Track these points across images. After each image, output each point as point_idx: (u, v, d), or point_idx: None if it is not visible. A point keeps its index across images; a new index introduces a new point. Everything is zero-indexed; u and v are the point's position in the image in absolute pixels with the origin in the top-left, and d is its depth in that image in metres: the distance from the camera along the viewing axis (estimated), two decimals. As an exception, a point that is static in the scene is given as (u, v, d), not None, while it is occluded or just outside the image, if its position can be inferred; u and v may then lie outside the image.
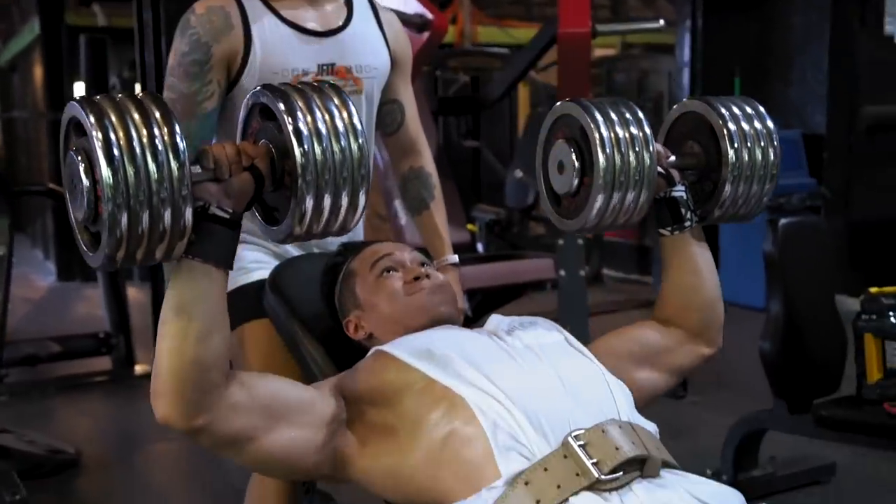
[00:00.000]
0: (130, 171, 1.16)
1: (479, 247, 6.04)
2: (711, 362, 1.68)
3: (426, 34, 3.60)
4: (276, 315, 1.81)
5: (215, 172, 1.27)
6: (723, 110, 1.58)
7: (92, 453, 3.61)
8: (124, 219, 1.17)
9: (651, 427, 1.44)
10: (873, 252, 5.89)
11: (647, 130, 1.46)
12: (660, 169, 1.55)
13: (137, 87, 4.57)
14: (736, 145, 1.57)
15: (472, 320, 4.20)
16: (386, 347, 1.50)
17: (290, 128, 1.26)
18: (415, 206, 2.07)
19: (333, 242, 1.92)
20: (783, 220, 2.57)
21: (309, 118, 1.27)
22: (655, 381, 1.62)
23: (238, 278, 1.86)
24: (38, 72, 8.69)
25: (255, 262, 1.89)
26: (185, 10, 1.86)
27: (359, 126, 1.30)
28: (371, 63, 1.93)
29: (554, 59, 4.58)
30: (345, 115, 1.30)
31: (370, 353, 1.53)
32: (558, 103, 1.53)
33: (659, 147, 1.57)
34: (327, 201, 1.28)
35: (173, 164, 1.18)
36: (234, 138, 1.76)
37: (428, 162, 2.07)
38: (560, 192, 1.53)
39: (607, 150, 1.43)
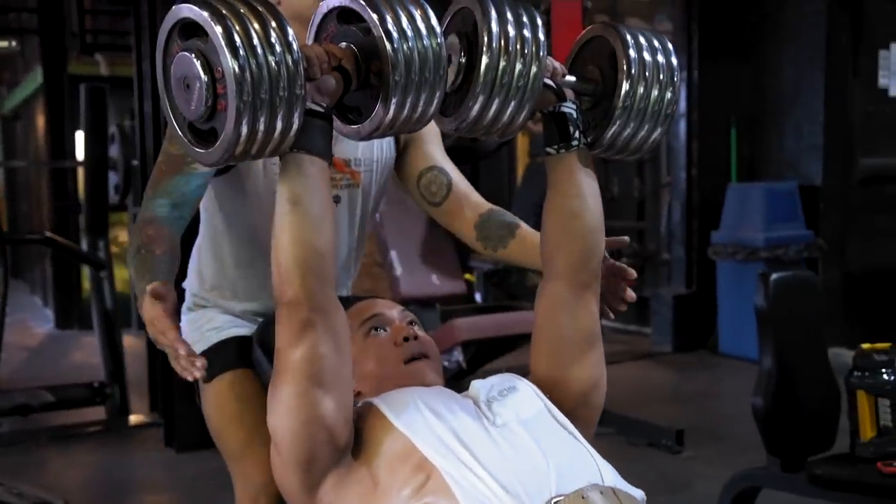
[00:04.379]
0: (253, 64, 1.24)
1: (477, 296, 6.02)
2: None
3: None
4: (263, 369, 1.80)
5: (307, 72, 1.35)
6: (628, 38, 1.55)
7: (81, 505, 3.58)
8: (247, 113, 1.24)
9: (637, 494, 1.42)
10: (870, 303, 5.89)
11: (542, 38, 1.45)
12: (551, 83, 1.53)
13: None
14: (633, 73, 1.53)
15: (468, 372, 4.21)
16: (375, 401, 1.49)
17: (379, 28, 1.34)
18: (503, 235, 1.85)
19: None
20: (774, 275, 2.56)
21: (392, 17, 1.35)
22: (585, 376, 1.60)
23: (212, 336, 1.89)
24: (40, 120, 8.76)
25: (228, 321, 1.91)
26: None
27: (436, 26, 1.38)
28: (370, 157, 1.86)
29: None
30: (420, 13, 1.37)
31: (360, 404, 1.52)
32: None
33: (556, 63, 1.55)
34: (412, 97, 1.37)
35: (289, 60, 1.27)
36: (241, 197, 1.76)
37: (489, 204, 1.91)
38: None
39: (493, 48, 1.41)
